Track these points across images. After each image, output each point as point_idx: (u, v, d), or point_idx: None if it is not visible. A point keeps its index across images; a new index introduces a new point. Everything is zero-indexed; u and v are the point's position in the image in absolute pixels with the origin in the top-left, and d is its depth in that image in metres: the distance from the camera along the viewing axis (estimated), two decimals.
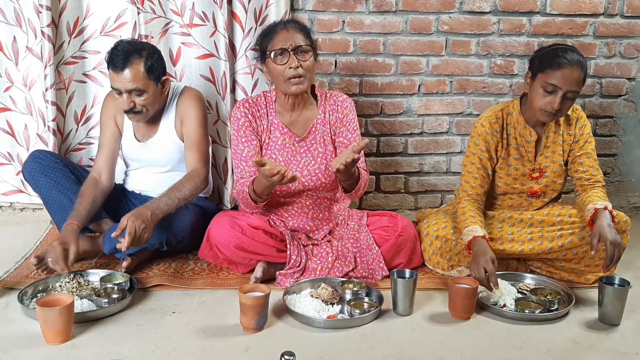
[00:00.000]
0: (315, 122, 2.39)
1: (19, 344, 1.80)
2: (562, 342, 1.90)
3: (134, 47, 2.31)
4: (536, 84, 2.24)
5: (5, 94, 2.82)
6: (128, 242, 2.07)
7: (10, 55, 2.77)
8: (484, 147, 2.39)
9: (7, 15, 2.72)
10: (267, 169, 1.98)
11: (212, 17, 2.74)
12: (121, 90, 2.30)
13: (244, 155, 2.32)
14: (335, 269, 2.29)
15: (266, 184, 2.12)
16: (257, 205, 2.27)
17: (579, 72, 2.18)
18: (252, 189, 2.20)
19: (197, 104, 2.49)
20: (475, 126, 2.42)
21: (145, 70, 2.29)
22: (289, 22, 2.33)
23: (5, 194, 2.94)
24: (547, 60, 2.22)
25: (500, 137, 2.40)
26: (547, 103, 2.21)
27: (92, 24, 2.75)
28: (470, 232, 2.23)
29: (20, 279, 2.24)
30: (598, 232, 2.09)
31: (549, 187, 2.44)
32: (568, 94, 2.19)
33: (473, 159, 2.40)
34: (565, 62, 2.18)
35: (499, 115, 2.40)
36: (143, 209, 2.18)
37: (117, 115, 2.51)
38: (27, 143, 2.88)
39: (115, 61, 2.27)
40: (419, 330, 1.96)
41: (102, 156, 2.50)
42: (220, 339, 1.86)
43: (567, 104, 2.23)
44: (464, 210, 2.34)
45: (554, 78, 2.18)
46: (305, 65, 2.23)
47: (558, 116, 2.29)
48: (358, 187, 2.28)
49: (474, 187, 2.40)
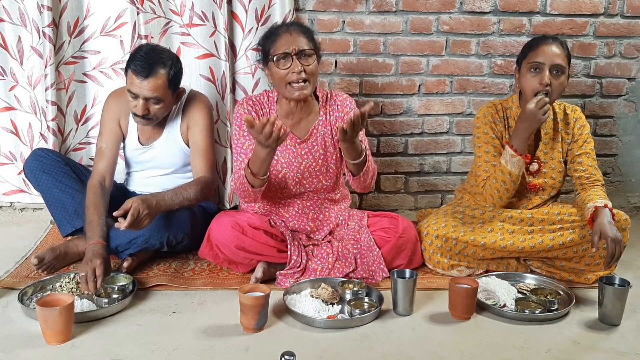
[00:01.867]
0: (316, 123, 2.38)
1: (19, 344, 1.80)
2: (562, 342, 1.90)
3: (159, 56, 2.29)
4: (523, 70, 2.35)
5: (10, 93, 2.82)
6: (128, 223, 2.05)
7: (15, 54, 2.78)
8: (492, 134, 2.43)
9: (12, 15, 2.73)
10: (258, 127, 1.93)
11: (212, 16, 2.74)
12: (138, 96, 2.28)
13: (244, 148, 2.30)
14: (336, 270, 2.29)
15: (262, 156, 2.05)
16: (255, 190, 2.18)
17: (558, 46, 2.30)
18: (249, 170, 2.13)
19: (205, 112, 2.49)
20: (478, 117, 2.47)
21: (168, 80, 2.28)
22: (292, 25, 2.30)
23: (7, 194, 2.94)
24: (527, 47, 2.37)
25: (504, 127, 2.45)
26: (537, 82, 2.28)
27: (92, 24, 2.75)
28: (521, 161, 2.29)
29: (20, 279, 2.24)
30: (599, 230, 2.10)
31: (547, 184, 2.44)
32: (553, 70, 2.28)
33: (487, 147, 2.43)
34: (542, 40, 2.33)
35: (498, 108, 2.46)
36: (149, 196, 2.18)
37: (122, 118, 2.49)
38: (30, 142, 2.88)
39: (140, 67, 2.24)
40: (419, 330, 1.96)
41: (104, 160, 2.44)
42: (220, 339, 1.86)
43: (556, 81, 2.29)
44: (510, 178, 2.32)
45: (536, 56, 2.29)
46: (309, 69, 2.20)
47: (552, 97, 2.31)
48: (366, 170, 2.20)
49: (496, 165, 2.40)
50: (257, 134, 1.96)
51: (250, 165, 2.12)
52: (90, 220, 2.22)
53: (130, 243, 2.28)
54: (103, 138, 2.48)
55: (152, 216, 2.15)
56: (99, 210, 2.25)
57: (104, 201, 2.31)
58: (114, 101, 2.49)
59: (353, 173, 2.24)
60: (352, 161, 2.16)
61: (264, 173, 2.14)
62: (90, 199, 2.29)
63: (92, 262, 2.05)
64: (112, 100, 2.51)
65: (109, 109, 2.50)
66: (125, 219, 2.06)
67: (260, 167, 2.11)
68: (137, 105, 2.30)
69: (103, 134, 2.49)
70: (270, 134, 1.94)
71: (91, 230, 2.19)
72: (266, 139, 1.96)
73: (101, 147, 2.47)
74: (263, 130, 1.94)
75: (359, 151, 2.13)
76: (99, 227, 2.19)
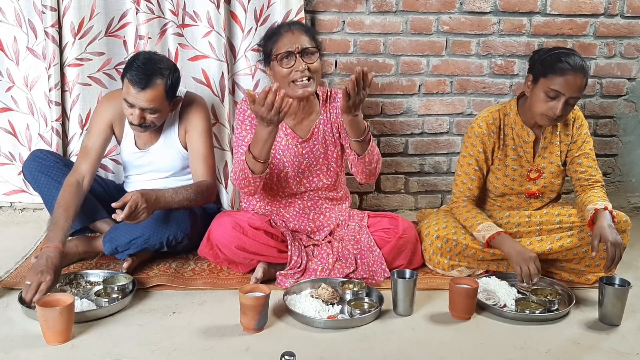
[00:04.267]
0: (317, 122, 2.38)
1: (19, 344, 1.80)
2: (563, 342, 1.90)
3: (157, 65, 2.25)
4: (538, 89, 2.22)
5: (7, 94, 2.82)
6: (125, 214, 2.04)
7: (11, 55, 2.77)
8: (480, 148, 2.39)
9: (7, 15, 2.72)
10: (260, 97, 1.93)
11: (207, 16, 2.71)
12: (135, 105, 2.26)
13: (245, 141, 2.28)
14: (336, 270, 2.28)
15: (264, 136, 2.03)
16: (255, 177, 2.15)
17: (582, 79, 2.17)
18: (250, 155, 2.10)
19: (203, 116, 2.47)
20: (472, 126, 2.41)
21: (165, 91, 2.26)
22: (294, 24, 2.30)
23: (7, 194, 2.94)
24: (550, 66, 2.20)
25: (497, 138, 2.40)
26: (549, 108, 2.20)
27: (96, 25, 2.71)
28: (489, 228, 2.24)
29: (21, 279, 2.24)
30: (599, 233, 2.09)
31: (547, 188, 2.44)
32: (570, 100, 2.19)
33: (470, 160, 2.41)
34: (568, 68, 2.16)
35: (495, 116, 2.39)
36: (149, 191, 2.18)
37: (116, 123, 2.45)
38: (29, 143, 2.88)
39: (136, 77, 2.21)
40: (419, 330, 1.96)
41: (88, 160, 2.36)
42: (220, 339, 1.86)
43: (568, 110, 2.23)
44: (468, 209, 2.36)
45: (557, 84, 2.17)
46: (313, 67, 2.20)
47: (558, 121, 2.29)
48: (370, 150, 2.18)
49: (471, 189, 2.42)
50: (259, 107, 1.94)
51: (252, 148, 2.10)
52: (56, 220, 2.12)
53: (130, 243, 2.28)
54: (90, 137, 2.42)
55: (150, 210, 2.14)
56: (68, 213, 2.15)
57: (76, 203, 2.22)
58: (108, 104, 2.45)
59: (357, 152, 2.19)
60: (355, 139, 2.14)
61: (265, 157, 2.11)
62: (63, 198, 2.20)
63: (42, 275, 1.93)
64: (106, 102, 2.47)
65: (102, 111, 2.45)
66: (123, 211, 2.06)
67: (262, 149, 2.08)
68: (133, 114, 2.27)
69: (91, 133, 2.43)
70: (272, 104, 1.93)
71: (54, 231, 2.09)
72: (268, 110, 1.95)
73: (87, 145, 2.40)
74: (265, 101, 1.93)
75: (362, 128, 2.12)
76: (62, 230, 2.09)
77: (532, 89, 2.27)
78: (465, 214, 2.35)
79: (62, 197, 2.21)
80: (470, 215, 2.33)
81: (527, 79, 2.30)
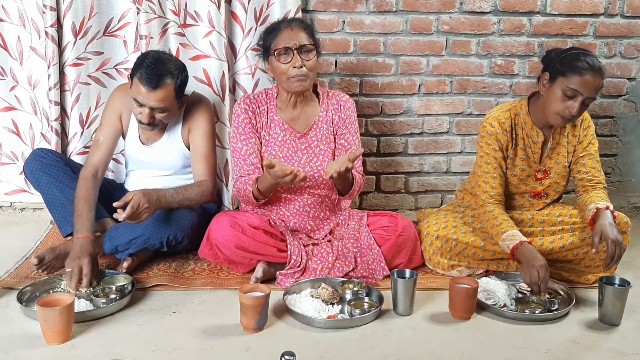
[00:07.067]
0: (316, 119, 2.40)
1: (19, 344, 1.80)
2: (563, 342, 1.90)
3: (166, 65, 2.27)
4: (555, 87, 2.20)
5: (10, 93, 2.82)
6: (127, 214, 2.06)
7: (15, 54, 2.78)
8: (496, 146, 2.34)
9: (10, 15, 2.73)
10: (278, 170, 2.02)
11: (208, 16, 2.72)
12: (144, 105, 2.28)
13: (242, 154, 2.34)
14: (336, 269, 2.29)
15: (272, 183, 2.15)
16: (259, 202, 2.30)
17: (599, 79, 2.17)
18: (257, 188, 2.22)
19: (207, 116, 2.49)
20: (484, 126, 2.37)
21: (175, 90, 2.28)
22: (294, 21, 2.34)
23: (8, 194, 2.94)
24: (569, 65, 2.17)
25: (510, 137, 2.36)
26: (565, 108, 2.18)
27: (95, 25, 2.72)
28: (513, 237, 2.17)
29: (20, 279, 2.24)
30: (600, 231, 2.09)
31: (551, 188, 2.43)
32: (586, 100, 2.18)
33: (488, 158, 2.36)
34: (588, 67, 2.15)
35: (507, 115, 2.36)
36: (151, 191, 2.19)
37: (124, 114, 2.48)
38: (31, 142, 2.88)
39: (147, 77, 2.22)
40: (419, 330, 1.96)
41: (100, 152, 2.42)
42: (220, 339, 1.86)
43: (583, 110, 2.21)
44: (494, 214, 2.28)
45: (576, 83, 2.15)
46: (309, 64, 2.25)
47: (571, 122, 2.27)
48: (352, 191, 2.33)
49: (495, 187, 2.34)
50: (276, 177, 2.06)
51: (259, 185, 2.21)
52: (79, 212, 2.20)
53: (130, 243, 2.28)
54: (102, 130, 2.47)
55: (151, 210, 2.15)
56: (90, 203, 2.23)
57: (95, 194, 2.29)
58: (119, 96, 2.48)
59: (339, 192, 2.38)
60: (340, 185, 2.30)
61: (271, 192, 2.27)
62: (82, 191, 2.27)
63: (80, 260, 2.04)
64: (117, 94, 2.50)
65: (113, 103, 2.49)
66: (125, 211, 2.06)
67: (269, 189, 2.24)
68: (142, 113, 2.30)
69: (103, 126, 2.48)
70: (289, 181, 2.05)
71: (80, 223, 2.17)
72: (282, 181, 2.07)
73: (99, 139, 2.46)
74: (283, 178, 2.04)
75: (348, 180, 2.26)
76: (88, 220, 2.17)
77: (548, 88, 2.24)
78: (492, 220, 2.27)
79: (81, 190, 2.27)
80: (497, 222, 2.25)
81: (542, 78, 2.27)
